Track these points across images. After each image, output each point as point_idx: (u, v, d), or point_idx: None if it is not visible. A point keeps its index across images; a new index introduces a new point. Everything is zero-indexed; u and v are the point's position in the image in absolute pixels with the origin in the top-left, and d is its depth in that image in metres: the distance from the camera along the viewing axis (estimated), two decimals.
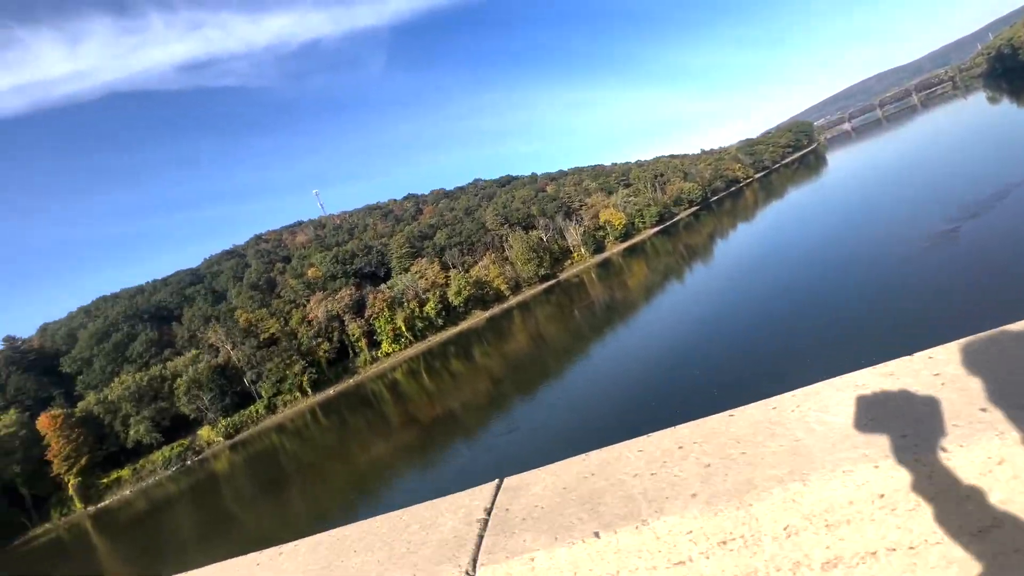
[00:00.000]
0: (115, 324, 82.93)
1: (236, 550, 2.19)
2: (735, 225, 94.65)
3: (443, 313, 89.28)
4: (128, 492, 65.36)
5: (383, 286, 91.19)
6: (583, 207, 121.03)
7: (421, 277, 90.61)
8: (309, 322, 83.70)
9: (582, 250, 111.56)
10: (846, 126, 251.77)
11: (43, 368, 77.54)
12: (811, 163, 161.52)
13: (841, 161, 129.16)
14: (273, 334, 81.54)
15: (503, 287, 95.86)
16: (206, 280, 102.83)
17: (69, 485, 63.37)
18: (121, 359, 77.21)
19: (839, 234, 42.69)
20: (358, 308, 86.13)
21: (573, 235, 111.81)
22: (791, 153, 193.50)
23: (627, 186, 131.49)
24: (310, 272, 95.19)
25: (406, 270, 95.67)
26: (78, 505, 63.19)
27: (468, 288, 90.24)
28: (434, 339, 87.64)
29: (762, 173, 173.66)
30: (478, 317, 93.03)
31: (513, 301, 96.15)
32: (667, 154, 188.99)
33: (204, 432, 71.21)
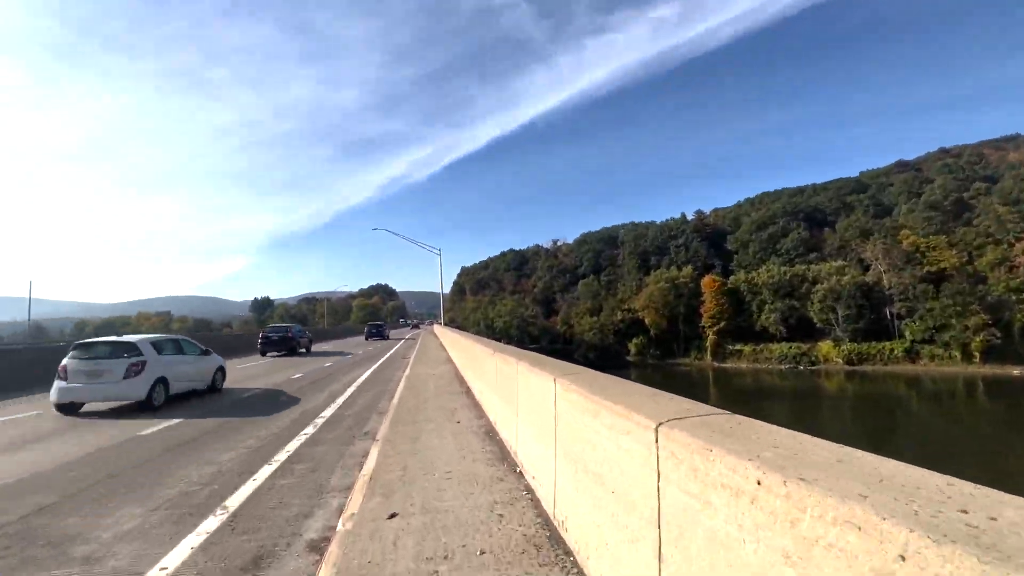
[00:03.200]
0: (773, 218, 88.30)
1: None
2: None
3: None
4: (743, 365, 72.50)
5: None
6: None
7: None
8: (1012, 268, 59.26)
9: None
10: None
11: (712, 241, 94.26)
12: None
13: None
14: (944, 269, 63.54)
15: None
16: (870, 191, 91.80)
17: (707, 339, 76.70)
18: (771, 250, 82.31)
19: None
20: None
21: None
22: None
23: None
24: None
25: None
26: (708, 357, 76.13)
27: None
28: None
29: None
30: None
31: None
32: None
33: (824, 346, 67.36)
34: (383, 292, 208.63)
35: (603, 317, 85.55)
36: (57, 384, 9.67)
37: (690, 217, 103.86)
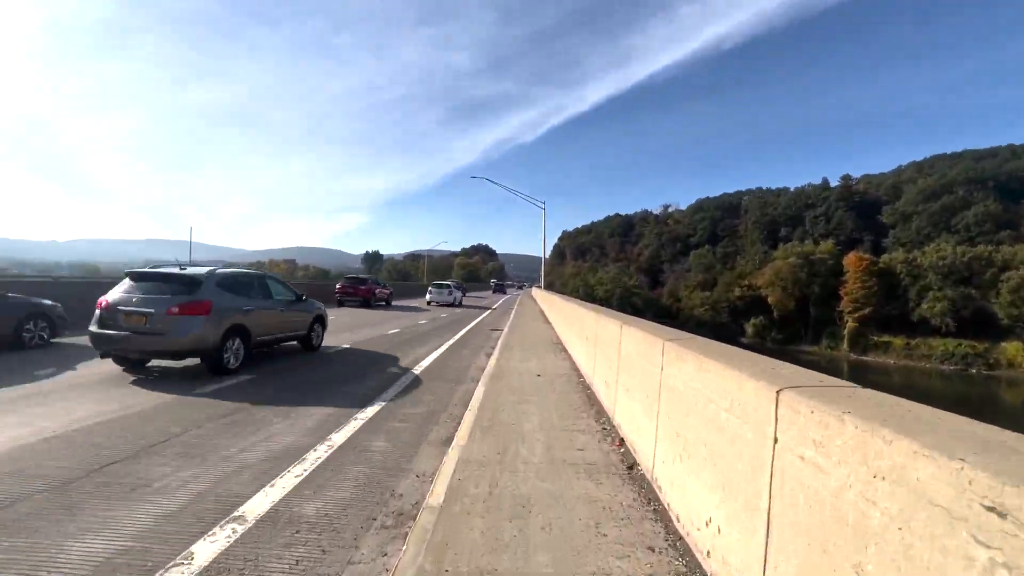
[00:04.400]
0: (949, 186, 71.99)
1: None
2: None
3: None
4: (891, 361, 61.16)
5: None
6: None
7: None
8: None
9: None
10: None
11: (861, 212, 79.90)
12: None
13: None
14: None
15: None
16: None
17: (845, 326, 65.73)
18: (943, 225, 67.49)
19: None
20: None
21: None
22: None
23: None
24: None
25: None
26: (844, 346, 65.41)
27: None
28: None
29: None
30: None
31: None
32: None
33: (1011, 348, 54.10)
34: (484, 252, 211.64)
35: (717, 292, 77.21)
36: (427, 296, 31.83)
37: (833, 183, 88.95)
